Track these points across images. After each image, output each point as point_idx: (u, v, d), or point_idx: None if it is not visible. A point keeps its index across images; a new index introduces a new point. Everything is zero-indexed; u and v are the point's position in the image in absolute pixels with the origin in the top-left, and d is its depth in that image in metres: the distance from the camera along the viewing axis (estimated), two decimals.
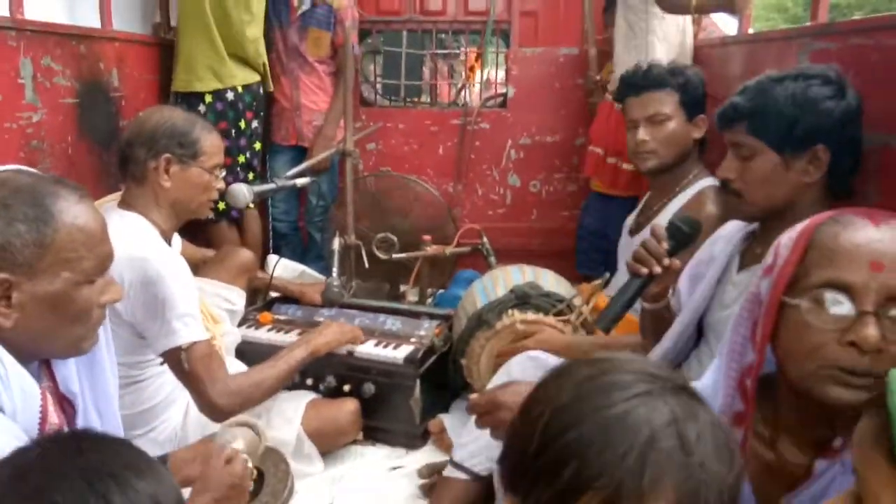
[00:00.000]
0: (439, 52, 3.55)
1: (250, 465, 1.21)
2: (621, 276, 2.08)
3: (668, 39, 2.31)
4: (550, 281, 2.02)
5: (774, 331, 0.87)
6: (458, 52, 3.65)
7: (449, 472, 1.58)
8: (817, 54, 1.61)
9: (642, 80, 1.90)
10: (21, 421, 0.92)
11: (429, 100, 3.70)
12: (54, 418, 0.99)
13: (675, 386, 0.64)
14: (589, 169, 2.75)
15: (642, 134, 1.88)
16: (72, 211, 0.97)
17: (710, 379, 0.99)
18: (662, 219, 1.87)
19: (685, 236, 1.37)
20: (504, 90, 3.26)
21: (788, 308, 0.85)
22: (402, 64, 3.20)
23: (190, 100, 2.55)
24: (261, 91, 2.74)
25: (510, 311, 1.88)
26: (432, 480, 1.74)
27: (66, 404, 1.10)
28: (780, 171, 1.29)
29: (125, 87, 2.36)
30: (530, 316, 1.86)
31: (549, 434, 0.61)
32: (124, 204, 1.65)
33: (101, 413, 1.16)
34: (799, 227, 0.89)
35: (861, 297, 0.80)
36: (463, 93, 3.69)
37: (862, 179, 1.33)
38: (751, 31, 2.29)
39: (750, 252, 1.38)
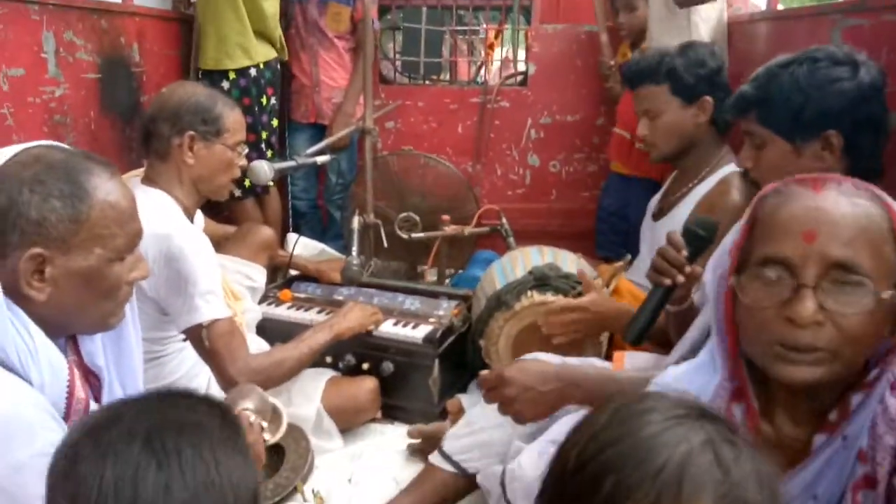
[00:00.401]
0: (459, 28, 3.50)
1: (253, 418, 1.18)
2: (643, 260, 2.07)
3: (710, 18, 2.26)
4: (570, 262, 2.00)
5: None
6: (478, 28, 3.60)
7: (435, 459, 1.55)
8: (850, 31, 1.57)
9: (632, 76, 1.89)
10: (49, 394, 0.93)
11: (448, 78, 3.66)
12: (81, 392, 1.00)
13: (712, 415, 0.63)
14: (614, 152, 2.71)
15: (641, 129, 1.89)
16: (105, 188, 0.98)
17: (707, 356, 0.97)
18: (686, 205, 1.84)
19: (702, 240, 1.33)
20: (524, 68, 3.22)
21: (738, 288, 0.83)
22: (421, 41, 3.16)
23: (213, 76, 2.54)
24: (278, 66, 2.72)
25: (529, 293, 1.87)
26: (418, 445, 1.77)
27: (91, 378, 1.12)
28: (793, 158, 1.26)
29: (146, 63, 2.36)
30: (549, 297, 1.85)
31: (586, 454, 0.61)
32: (147, 180, 1.65)
33: (126, 387, 1.17)
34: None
35: (798, 269, 0.78)
36: (482, 71, 3.64)
37: (891, 157, 1.29)
38: (780, 6, 2.23)
39: None
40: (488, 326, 1.92)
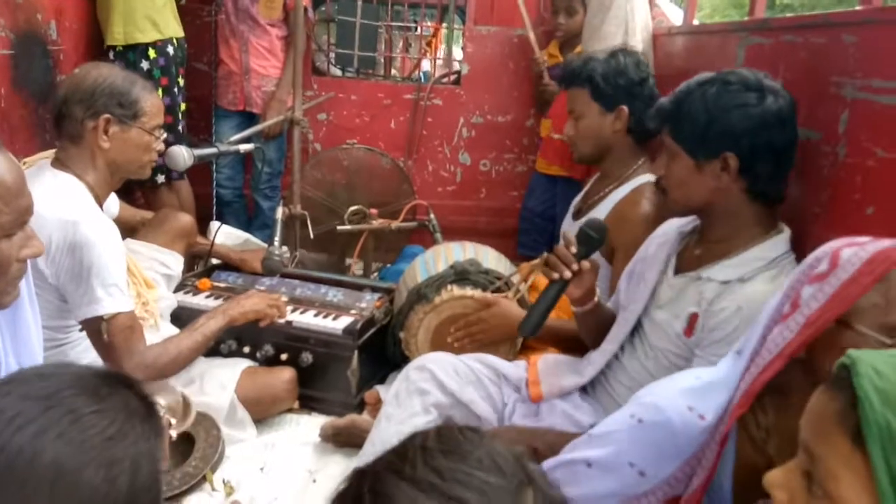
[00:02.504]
0: (394, 24, 3.52)
1: (174, 421, 1.19)
2: None
3: (645, 28, 2.34)
4: (491, 258, 2.05)
5: (822, 349, 0.84)
6: (413, 25, 3.62)
7: None
8: (753, 49, 1.68)
9: (562, 77, 1.97)
10: None
11: (382, 72, 3.66)
12: None
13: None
14: (551, 156, 2.75)
15: (567, 127, 1.95)
16: None
17: (724, 372, 0.97)
18: (603, 207, 1.91)
19: (594, 241, 1.43)
20: (457, 67, 3.26)
21: (852, 333, 0.81)
22: (356, 34, 3.16)
23: (130, 55, 2.46)
24: (185, 46, 2.66)
25: (448, 287, 1.91)
26: (331, 433, 1.80)
27: None
28: (694, 174, 1.32)
29: (64, 41, 2.27)
30: (468, 291, 1.89)
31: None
32: (58, 163, 1.60)
33: (22, 365, 1.14)
34: (871, 249, 0.84)
35: None
36: (420, 68, 3.66)
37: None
38: (696, 22, 2.35)
39: (687, 253, 1.42)
40: (408, 319, 1.95)
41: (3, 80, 1.96)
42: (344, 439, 1.82)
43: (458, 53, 3.44)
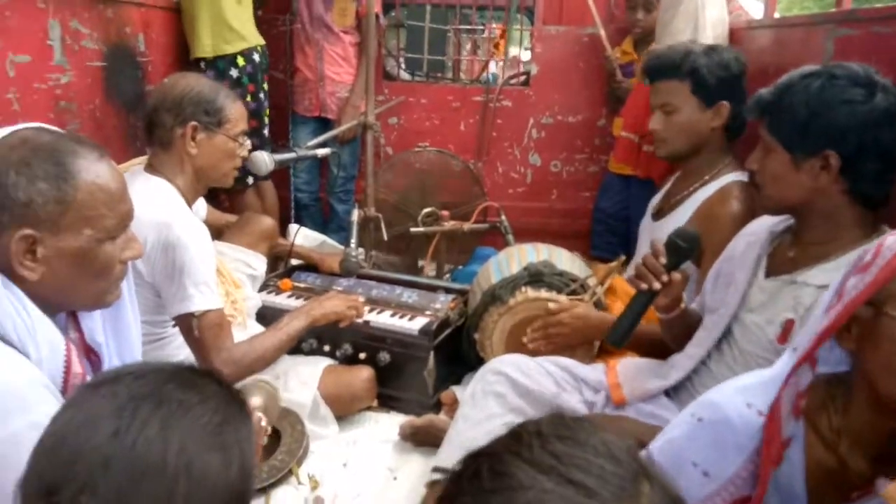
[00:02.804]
0: (463, 27, 3.53)
1: (264, 423, 1.23)
2: (641, 258, 2.09)
3: (716, 24, 2.26)
4: (565, 260, 2.02)
5: (865, 339, 0.82)
6: (481, 28, 3.63)
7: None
8: (841, 41, 1.59)
9: (654, 68, 1.87)
10: (46, 369, 0.95)
11: (451, 75, 3.68)
12: (77, 368, 1.01)
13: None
14: (621, 155, 2.69)
15: (654, 122, 1.88)
16: (92, 169, 0.99)
17: (779, 369, 0.94)
18: (687, 208, 1.85)
19: (683, 251, 1.38)
20: (525, 68, 3.24)
21: (887, 319, 0.79)
22: (425, 39, 3.19)
23: (220, 64, 2.56)
24: (267, 53, 2.75)
25: (523, 289, 1.89)
26: (410, 432, 1.81)
27: (92, 355, 1.14)
28: (791, 171, 1.25)
29: (151, 53, 2.39)
30: (542, 294, 1.87)
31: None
32: (150, 168, 1.68)
33: (125, 363, 1.20)
34: None
35: None
36: (488, 70, 3.66)
37: None
38: (777, 15, 2.25)
39: (780, 255, 1.35)
40: (483, 320, 1.94)
41: (97, 91, 2.08)
42: (422, 438, 1.82)
43: (523, 55, 3.42)
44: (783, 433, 0.87)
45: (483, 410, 1.55)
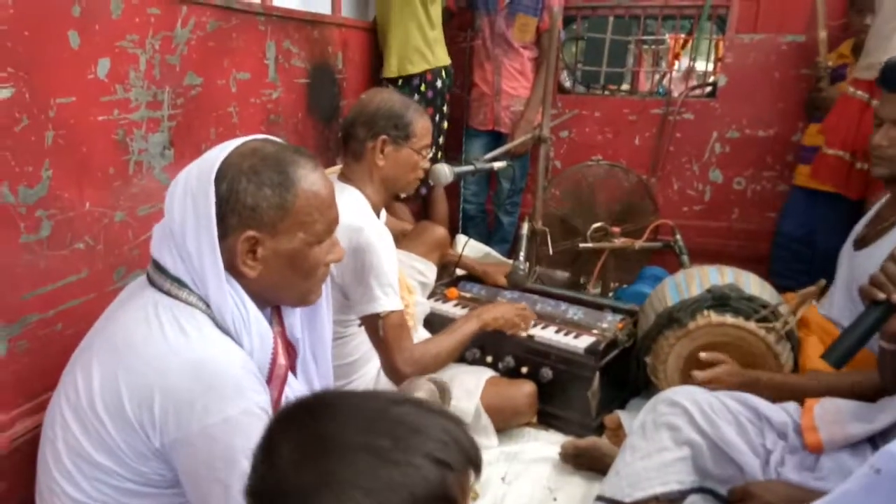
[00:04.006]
0: (645, 38, 3.41)
1: None
2: (837, 292, 1.88)
3: None
4: (753, 285, 1.87)
5: None
6: (664, 38, 3.49)
7: None
8: None
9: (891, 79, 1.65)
10: (256, 359, 1.05)
11: (629, 88, 3.58)
12: (282, 360, 1.11)
13: None
14: (823, 173, 2.44)
15: (879, 137, 1.67)
16: (309, 178, 1.07)
17: None
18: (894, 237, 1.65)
19: None
20: (712, 79, 3.06)
21: None
22: (604, 51, 3.13)
23: (405, 89, 2.69)
24: (452, 73, 2.83)
25: (705, 312, 1.78)
26: (571, 453, 1.77)
27: (290, 348, 1.25)
28: None
29: (347, 70, 2.58)
30: (728, 319, 1.75)
31: None
32: (343, 177, 1.80)
33: (317, 359, 1.30)
34: None
35: None
36: (665, 81, 3.52)
37: None
38: None
39: None
40: (657, 344, 1.86)
41: (300, 106, 2.28)
42: (584, 461, 1.78)
43: (701, 65, 3.23)
44: None
45: (654, 443, 1.48)
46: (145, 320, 1.00)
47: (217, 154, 1.05)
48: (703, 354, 1.73)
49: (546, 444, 1.91)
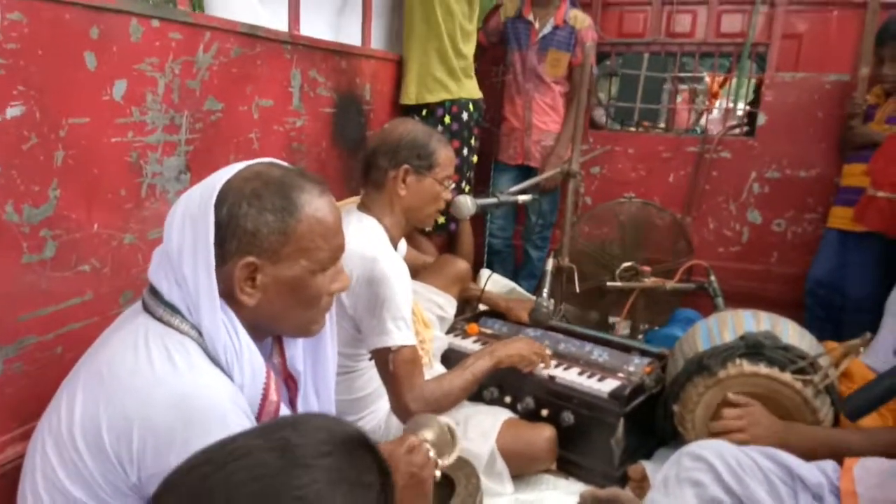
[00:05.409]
0: (682, 75, 3.35)
1: (432, 454, 1.17)
2: (883, 340, 1.76)
3: None
4: (792, 333, 1.75)
5: None
6: (702, 76, 3.42)
7: None
8: None
9: None
10: (247, 394, 1.00)
11: (664, 125, 3.50)
12: (273, 396, 1.05)
13: None
14: (872, 217, 2.32)
15: None
16: (314, 204, 1.03)
17: None
18: None
19: None
20: (753, 118, 2.97)
21: None
22: (638, 87, 3.07)
23: (430, 121, 2.66)
24: (482, 107, 2.80)
25: (737, 360, 1.67)
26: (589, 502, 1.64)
27: (290, 382, 1.19)
28: None
29: (374, 101, 2.57)
30: (762, 369, 1.63)
31: None
32: (363, 207, 1.77)
33: (319, 393, 1.23)
34: None
35: None
36: (703, 119, 3.43)
37: None
38: None
39: None
40: (685, 391, 1.75)
41: (325, 135, 2.27)
42: None
43: (740, 104, 3.14)
44: None
45: (677, 499, 1.37)
46: (133, 347, 0.96)
47: (220, 177, 1.02)
48: (730, 395, 1.63)
49: (565, 494, 1.80)
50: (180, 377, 0.93)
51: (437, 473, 1.19)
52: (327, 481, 0.63)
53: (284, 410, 1.07)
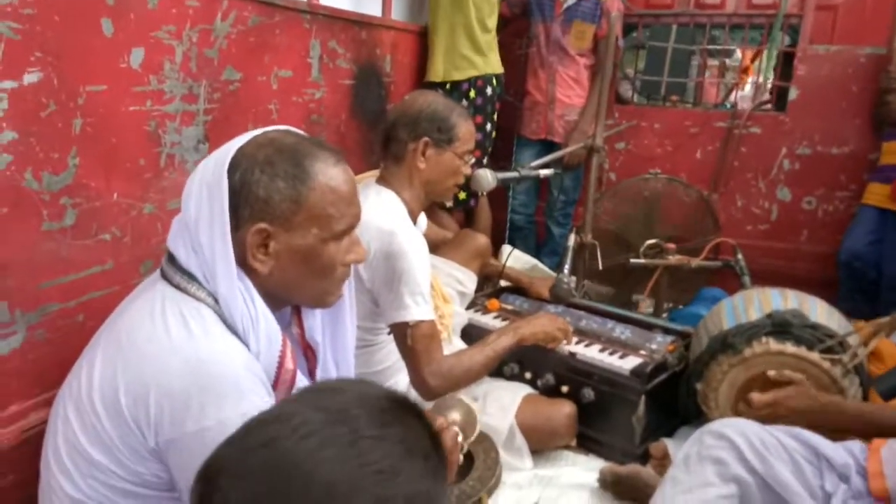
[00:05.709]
0: (711, 48, 3.25)
1: (460, 439, 1.17)
2: None
3: None
4: (820, 312, 1.71)
5: None
6: (733, 48, 3.31)
7: None
8: None
9: None
10: (262, 362, 0.99)
11: (692, 99, 3.42)
12: (290, 364, 1.04)
13: None
14: None
15: None
16: (327, 172, 1.02)
17: None
18: None
19: None
20: (784, 92, 2.88)
21: None
22: (666, 60, 2.99)
23: (455, 94, 2.63)
24: (503, 81, 2.75)
25: (763, 339, 1.63)
26: (610, 481, 1.66)
27: (309, 351, 1.19)
28: None
29: (395, 73, 2.53)
30: (789, 348, 1.59)
31: None
32: (382, 180, 1.75)
33: (339, 364, 1.23)
34: None
35: None
36: (733, 94, 3.34)
37: None
38: None
39: None
40: (709, 369, 1.72)
41: (344, 107, 2.25)
42: (624, 490, 1.66)
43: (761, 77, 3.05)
44: None
45: (697, 477, 1.34)
46: (150, 315, 0.96)
47: (234, 144, 1.00)
48: (771, 372, 1.59)
49: (584, 470, 1.79)
50: (195, 343, 0.92)
51: (465, 447, 1.19)
52: (399, 454, 0.62)
53: (302, 379, 1.07)
